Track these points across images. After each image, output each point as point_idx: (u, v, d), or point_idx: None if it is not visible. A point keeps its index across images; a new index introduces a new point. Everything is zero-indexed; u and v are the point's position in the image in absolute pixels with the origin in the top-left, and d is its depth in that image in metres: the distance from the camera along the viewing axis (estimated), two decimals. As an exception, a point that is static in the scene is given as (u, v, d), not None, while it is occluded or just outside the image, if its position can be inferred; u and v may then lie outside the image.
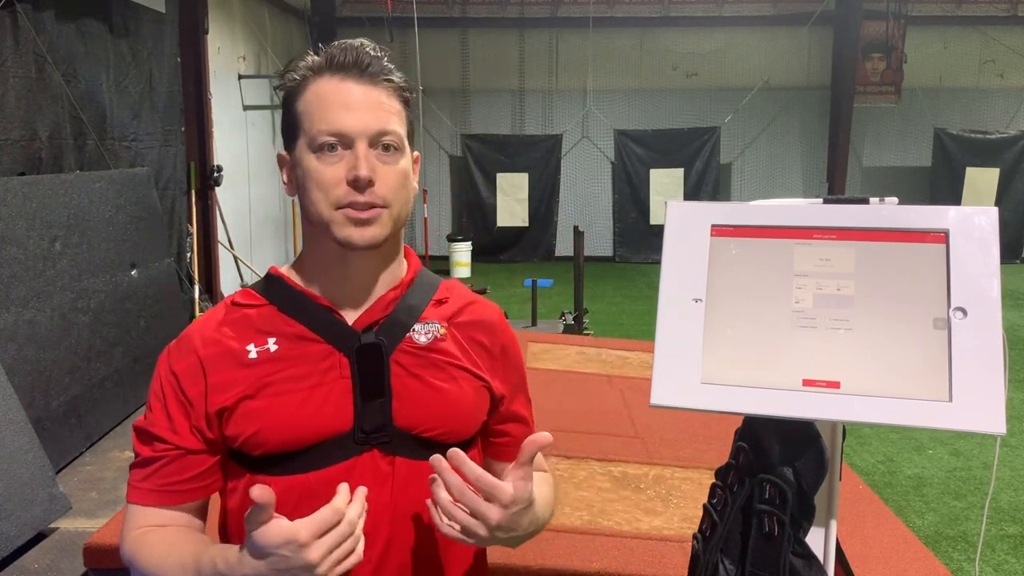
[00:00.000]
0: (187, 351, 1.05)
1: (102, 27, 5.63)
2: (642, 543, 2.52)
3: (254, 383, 1.02)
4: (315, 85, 1.03)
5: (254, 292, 1.10)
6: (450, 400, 1.08)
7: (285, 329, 1.05)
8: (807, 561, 0.97)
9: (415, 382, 1.07)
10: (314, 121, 1.01)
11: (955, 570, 3.52)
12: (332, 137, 1.00)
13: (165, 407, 1.04)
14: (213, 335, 1.05)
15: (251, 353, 1.03)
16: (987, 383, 0.89)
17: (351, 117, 1.01)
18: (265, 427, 1.01)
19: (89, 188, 4.87)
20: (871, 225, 0.97)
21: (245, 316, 1.07)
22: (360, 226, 1.01)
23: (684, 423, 3.61)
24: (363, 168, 1.00)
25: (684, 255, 1.00)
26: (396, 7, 10.73)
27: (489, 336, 1.16)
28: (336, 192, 1.01)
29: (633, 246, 12.49)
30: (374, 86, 1.03)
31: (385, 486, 1.05)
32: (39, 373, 4.09)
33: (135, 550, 1.03)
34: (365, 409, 1.03)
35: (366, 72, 1.03)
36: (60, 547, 3.34)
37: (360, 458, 1.04)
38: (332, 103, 1.01)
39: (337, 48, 1.03)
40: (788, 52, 12.41)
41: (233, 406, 1.02)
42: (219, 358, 1.04)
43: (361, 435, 1.03)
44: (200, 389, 1.03)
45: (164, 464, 1.03)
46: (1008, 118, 12.44)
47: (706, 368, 0.97)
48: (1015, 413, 5.54)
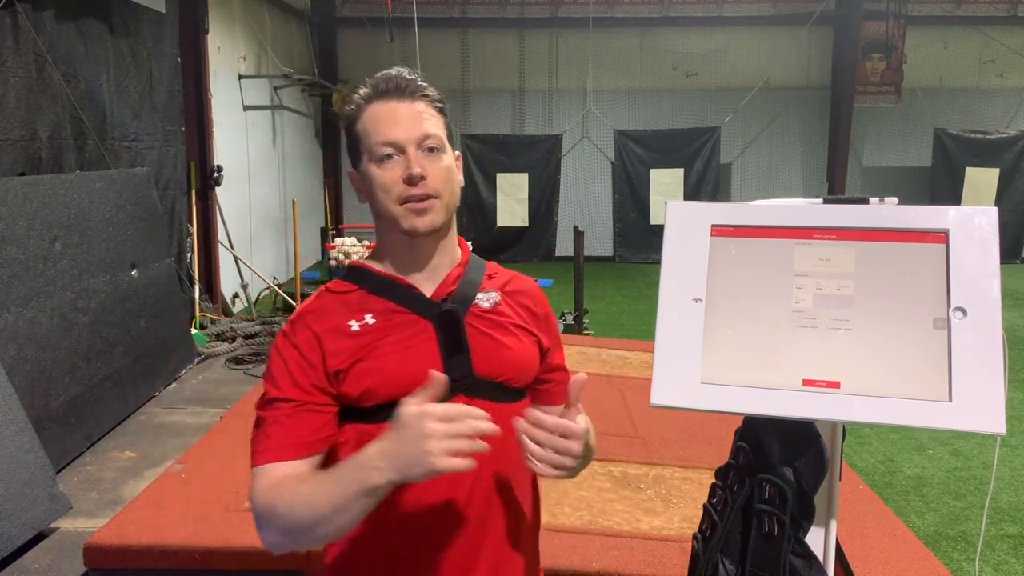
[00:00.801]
0: (303, 328, 1.27)
1: (102, 27, 5.63)
2: (642, 543, 2.52)
3: (361, 349, 1.25)
4: (368, 111, 1.28)
5: (343, 281, 1.34)
6: (516, 352, 1.33)
7: (377, 307, 1.29)
8: (807, 561, 0.97)
9: (487, 339, 1.30)
10: (371, 137, 1.26)
11: (955, 570, 3.52)
12: (388, 147, 1.25)
13: (289, 373, 1.24)
14: (321, 315, 1.28)
15: (353, 327, 1.26)
16: (987, 383, 0.89)
17: (399, 128, 1.25)
18: (376, 381, 1.24)
19: (89, 188, 4.87)
20: (871, 225, 0.97)
21: (342, 300, 1.30)
22: (420, 215, 1.25)
23: (684, 423, 3.61)
24: (415, 166, 1.24)
25: (684, 255, 1.00)
26: (396, 7, 10.73)
27: (532, 301, 1.41)
28: (396, 190, 1.25)
29: (633, 246, 12.49)
30: (414, 102, 1.28)
31: None
32: (39, 373, 4.09)
33: (272, 498, 1.17)
34: (450, 362, 1.26)
35: (405, 92, 1.28)
36: (60, 547, 3.34)
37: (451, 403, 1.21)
38: (383, 121, 1.26)
39: (380, 79, 1.29)
40: (788, 52, 12.41)
41: (347, 368, 1.24)
42: (330, 332, 1.26)
43: (451, 383, 1.20)
44: (318, 355, 1.24)
45: (295, 417, 1.22)
46: (1008, 118, 12.44)
47: (706, 368, 0.97)
48: (1015, 413, 5.54)
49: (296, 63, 10.61)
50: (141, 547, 2.58)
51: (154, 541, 2.59)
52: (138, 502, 2.88)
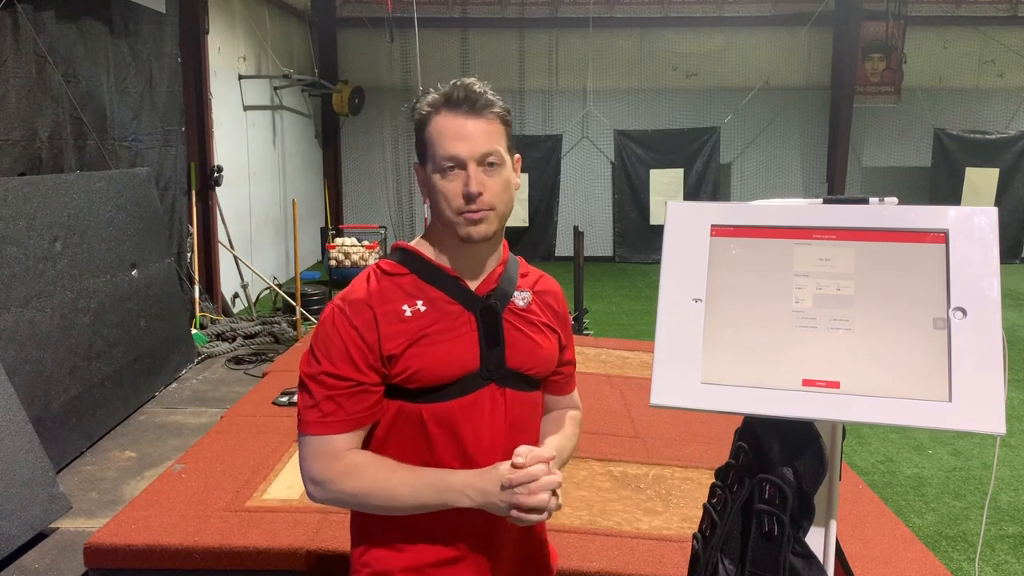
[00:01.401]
0: (362, 308, 1.35)
1: (102, 27, 5.63)
2: (642, 543, 2.52)
3: (413, 334, 1.35)
4: (437, 119, 1.36)
5: (396, 264, 1.42)
6: (543, 348, 1.46)
7: (429, 294, 1.38)
8: (807, 561, 0.97)
9: (520, 335, 1.43)
10: (436, 149, 1.35)
11: (955, 570, 3.52)
12: (450, 162, 1.34)
13: (347, 352, 1.33)
14: (379, 297, 1.37)
15: (407, 312, 1.36)
16: (987, 383, 0.89)
17: (463, 145, 1.34)
18: (424, 367, 1.34)
19: (89, 188, 4.87)
20: (871, 225, 0.97)
21: (395, 283, 1.39)
22: (475, 225, 1.35)
23: (684, 423, 3.61)
24: (473, 185, 1.33)
25: (684, 255, 1.00)
26: (396, 7, 10.72)
27: (556, 301, 1.56)
28: (456, 202, 1.34)
29: (633, 246, 12.49)
30: (481, 117, 1.36)
31: (500, 409, 1.40)
32: (39, 373, 4.09)
33: (339, 473, 1.32)
34: (488, 354, 1.38)
35: (475, 107, 1.36)
36: (60, 547, 3.34)
37: (484, 390, 1.39)
38: (449, 135, 1.34)
39: (452, 88, 1.37)
40: (788, 52, 12.41)
41: (400, 352, 1.34)
42: (387, 315, 1.35)
43: (486, 372, 1.39)
44: (375, 337, 1.33)
45: (347, 398, 1.33)
46: (1008, 118, 12.44)
47: (706, 368, 0.97)
48: (1015, 413, 5.54)
49: (296, 63, 10.61)
50: (141, 547, 2.58)
51: (154, 541, 2.59)
52: (138, 502, 2.88)
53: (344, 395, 1.33)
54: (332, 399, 1.33)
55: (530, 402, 1.47)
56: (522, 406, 1.45)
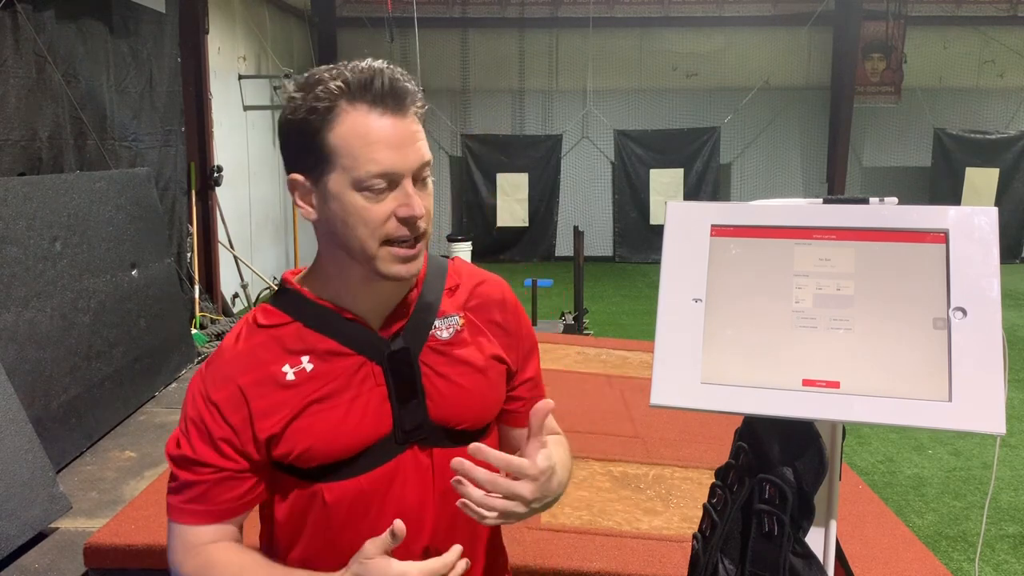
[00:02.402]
0: (224, 379, 1.07)
1: (102, 27, 5.63)
2: (642, 543, 2.52)
3: (297, 404, 1.07)
4: (351, 117, 1.01)
5: (275, 309, 1.12)
6: (475, 394, 1.16)
7: (316, 346, 1.09)
8: (807, 561, 0.97)
9: (443, 381, 1.13)
10: (359, 161, 1.00)
11: (955, 570, 3.52)
12: (380, 179, 1.01)
13: (208, 434, 1.07)
14: (247, 361, 1.08)
15: (288, 375, 1.07)
16: (987, 383, 0.89)
17: (398, 157, 1.01)
18: (315, 444, 1.07)
19: (89, 188, 4.87)
20: (871, 225, 0.97)
21: (273, 336, 1.09)
22: (406, 262, 1.06)
23: (684, 423, 3.61)
24: (417, 207, 1.03)
25: (684, 255, 1.00)
26: (396, 7, 10.73)
27: (502, 313, 1.23)
28: (384, 228, 1.03)
29: (633, 246, 12.49)
30: (407, 116, 1.04)
31: (426, 477, 1.13)
32: (39, 373, 4.09)
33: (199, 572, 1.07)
34: (402, 411, 1.10)
35: (403, 104, 1.03)
36: (60, 547, 3.34)
37: (403, 456, 1.11)
38: (379, 143, 1.01)
39: (366, 74, 1.01)
40: (788, 52, 12.41)
41: (281, 431, 1.06)
42: (258, 384, 1.07)
43: (402, 435, 1.11)
44: (243, 415, 1.06)
45: (211, 486, 1.07)
46: (1008, 118, 12.44)
47: (706, 368, 0.97)
48: (1015, 413, 5.54)
49: (296, 63, 10.61)
50: (141, 547, 2.58)
51: (154, 541, 2.59)
52: (138, 502, 2.88)
53: (207, 484, 1.07)
54: (193, 486, 1.07)
55: None
56: None
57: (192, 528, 1.08)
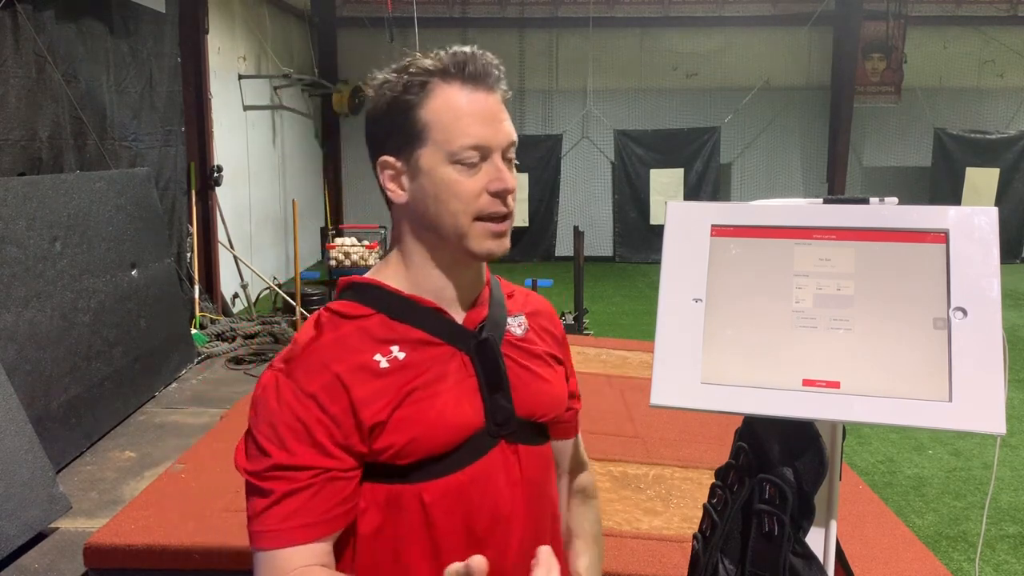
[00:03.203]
0: (317, 369, 1.00)
1: (102, 27, 5.63)
2: (642, 543, 2.52)
3: (397, 392, 1.01)
4: (445, 93, 1.03)
5: (354, 303, 1.07)
6: (555, 386, 1.17)
7: (406, 335, 1.05)
8: (807, 561, 0.97)
9: (526, 373, 1.13)
10: (453, 133, 1.02)
11: (955, 570, 3.52)
12: (474, 151, 1.03)
13: (306, 431, 0.98)
14: (338, 349, 1.02)
15: (382, 363, 1.02)
16: (987, 383, 0.89)
17: (491, 130, 1.04)
18: (420, 434, 1.01)
19: (89, 188, 4.87)
20: (871, 225, 0.97)
21: (359, 327, 1.05)
22: (498, 238, 1.07)
23: (684, 423, 3.61)
24: (510, 180, 1.04)
25: (684, 255, 1.00)
26: (396, 7, 10.73)
27: (551, 323, 1.25)
28: (478, 203, 1.04)
29: (633, 246, 12.49)
30: (497, 95, 1.07)
31: (514, 473, 1.10)
32: (39, 373, 4.09)
33: None
34: (493, 403, 1.08)
35: (495, 82, 1.06)
36: (60, 547, 3.34)
37: (494, 451, 1.08)
38: (473, 115, 1.03)
39: (462, 56, 1.04)
40: (788, 52, 12.41)
41: (387, 419, 1.00)
42: (356, 371, 1.01)
43: (494, 428, 1.08)
44: (345, 404, 0.99)
45: (314, 492, 0.97)
46: (1008, 118, 12.44)
47: (706, 368, 0.96)
48: (1015, 413, 5.53)
49: (296, 63, 10.61)
50: (141, 547, 2.58)
51: (154, 541, 2.59)
52: (138, 502, 2.88)
53: (311, 490, 0.97)
54: (292, 495, 0.96)
55: (545, 457, 1.17)
56: (538, 464, 1.14)
57: (285, 552, 0.96)
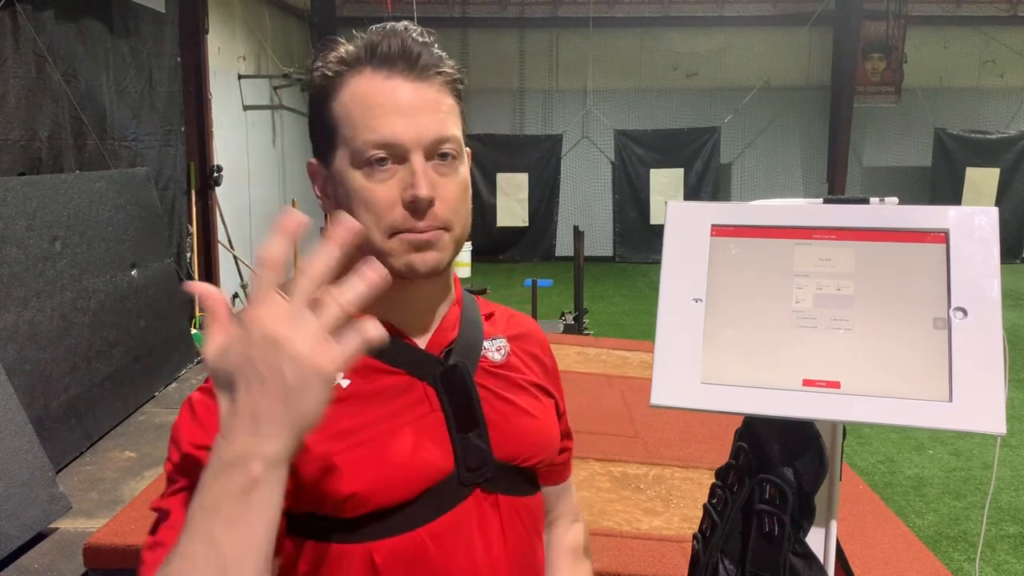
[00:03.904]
0: None
1: (102, 27, 5.63)
2: (642, 543, 2.52)
3: (335, 431, 0.81)
4: (354, 83, 0.86)
5: None
6: (542, 423, 0.99)
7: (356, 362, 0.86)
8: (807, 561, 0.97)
9: (507, 406, 0.95)
10: (358, 129, 0.85)
11: (955, 570, 3.52)
12: (381, 150, 0.84)
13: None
14: None
15: None
16: (987, 383, 0.89)
17: (403, 123, 0.84)
18: (366, 483, 0.82)
19: (89, 188, 4.87)
20: (871, 225, 0.97)
21: None
22: (421, 251, 0.86)
23: (684, 423, 3.61)
24: (423, 187, 0.83)
25: (684, 255, 1.00)
26: (396, 7, 10.73)
27: (540, 348, 1.08)
28: (391, 217, 0.85)
29: (633, 246, 12.49)
30: (425, 82, 0.87)
31: (494, 528, 0.92)
32: (39, 373, 4.09)
33: None
34: (464, 443, 0.89)
35: (416, 65, 0.86)
36: (60, 547, 3.34)
37: (467, 502, 0.89)
38: (379, 106, 0.85)
39: (377, 35, 0.88)
40: (788, 52, 12.41)
41: (323, 467, 0.81)
42: None
43: (466, 474, 0.89)
44: None
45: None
46: (1008, 118, 12.44)
47: (706, 368, 0.96)
48: (1015, 413, 5.53)
49: (296, 63, 10.61)
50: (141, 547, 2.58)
51: (154, 541, 2.59)
52: (138, 502, 2.88)
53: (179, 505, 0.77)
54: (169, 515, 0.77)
55: (533, 511, 0.98)
56: (524, 519, 0.96)
57: None
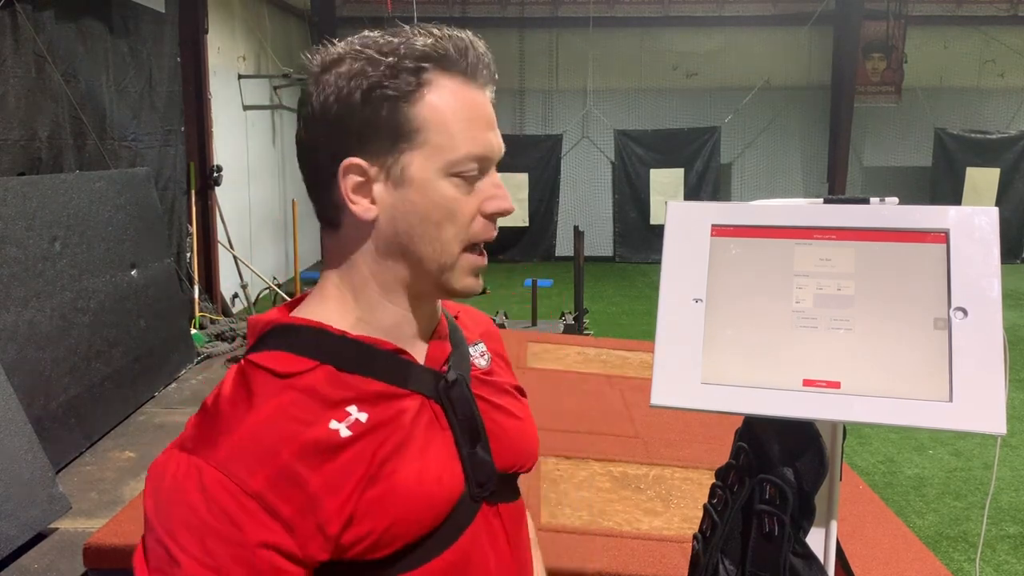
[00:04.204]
0: (260, 457, 0.74)
1: (102, 27, 5.63)
2: (642, 543, 2.52)
3: (366, 467, 0.78)
4: (447, 86, 0.82)
5: (288, 355, 0.81)
6: (529, 426, 0.99)
7: (363, 390, 0.82)
8: (807, 561, 0.96)
9: (500, 414, 0.94)
10: (458, 139, 0.81)
11: (955, 570, 3.52)
12: (478, 163, 0.83)
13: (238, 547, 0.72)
14: (284, 425, 0.76)
15: (341, 432, 0.78)
16: (987, 383, 0.89)
17: (495, 138, 0.85)
18: (401, 516, 0.79)
19: (89, 188, 4.87)
20: (871, 225, 0.96)
21: (303, 389, 0.79)
22: (478, 276, 0.87)
23: (684, 423, 3.61)
24: (509, 200, 0.86)
25: (684, 255, 1.00)
26: (396, 7, 10.73)
27: (500, 344, 1.06)
28: (473, 228, 0.84)
29: (633, 246, 12.49)
30: (490, 92, 0.87)
31: (500, 539, 0.92)
32: (39, 373, 4.09)
33: None
34: (473, 459, 0.88)
35: (491, 81, 0.87)
36: (60, 547, 3.34)
37: (477, 519, 0.88)
38: (480, 118, 0.83)
39: (462, 42, 0.85)
40: (788, 52, 12.41)
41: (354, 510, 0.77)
42: (309, 455, 0.76)
43: (476, 490, 0.88)
44: (299, 503, 0.74)
45: None
46: (1008, 118, 12.44)
47: (706, 368, 0.96)
48: (1015, 413, 5.53)
49: (296, 63, 10.61)
50: (141, 547, 2.58)
51: (154, 541, 2.59)
52: (138, 502, 2.88)
53: None
54: None
55: (521, 514, 0.98)
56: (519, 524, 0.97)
57: None
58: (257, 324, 0.85)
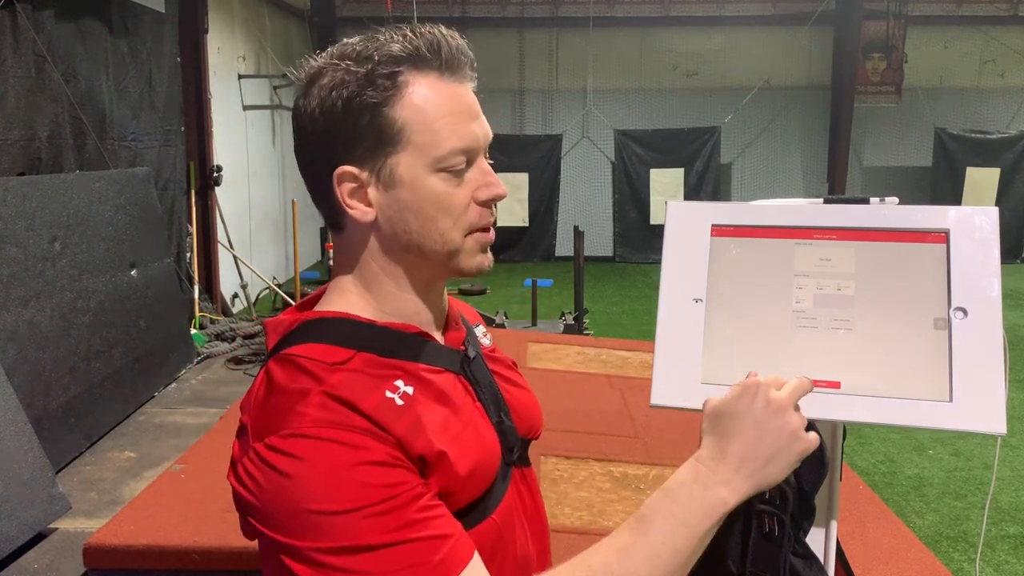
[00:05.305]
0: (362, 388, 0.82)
1: (102, 27, 5.63)
2: (642, 543, 2.51)
3: (427, 425, 0.83)
4: (424, 85, 0.85)
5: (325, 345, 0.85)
6: (535, 398, 1.06)
7: (403, 368, 0.87)
8: (807, 561, 0.96)
9: (512, 387, 1.02)
10: (440, 135, 0.85)
11: (955, 570, 3.52)
12: (464, 155, 0.87)
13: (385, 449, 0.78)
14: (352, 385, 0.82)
15: (397, 400, 0.83)
16: (987, 383, 0.89)
17: (479, 127, 0.88)
18: (478, 463, 0.87)
19: (89, 188, 4.87)
20: (871, 225, 0.96)
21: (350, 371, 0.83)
22: (486, 251, 0.92)
23: (684, 423, 3.60)
24: (502, 185, 0.90)
25: (684, 255, 1.00)
26: (396, 7, 10.72)
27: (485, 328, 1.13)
28: (468, 217, 0.88)
29: (633, 246, 12.49)
30: (473, 83, 0.91)
31: (528, 502, 1.00)
32: (39, 373, 4.09)
33: None
34: (502, 427, 0.95)
35: (473, 67, 0.90)
36: (60, 547, 3.34)
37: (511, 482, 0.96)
38: (461, 112, 0.87)
39: (434, 38, 0.87)
40: (788, 52, 12.40)
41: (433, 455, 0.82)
42: (384, 408, 0.81)
43: (508, 455, 0.95)
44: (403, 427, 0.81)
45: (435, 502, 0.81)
46: (1009, 118, 12.44)
47: (706, 368, 0.96)
48: (1015, 413, 5.53)
49: (296, 63, 10.61)
50: (141, 547, 2.58)
51: (154, 541, 2.59)
52: (138, 502, 2.88)
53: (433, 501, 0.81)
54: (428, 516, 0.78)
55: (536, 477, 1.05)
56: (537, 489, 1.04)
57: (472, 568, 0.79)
58: (280, 324, 0.89)
